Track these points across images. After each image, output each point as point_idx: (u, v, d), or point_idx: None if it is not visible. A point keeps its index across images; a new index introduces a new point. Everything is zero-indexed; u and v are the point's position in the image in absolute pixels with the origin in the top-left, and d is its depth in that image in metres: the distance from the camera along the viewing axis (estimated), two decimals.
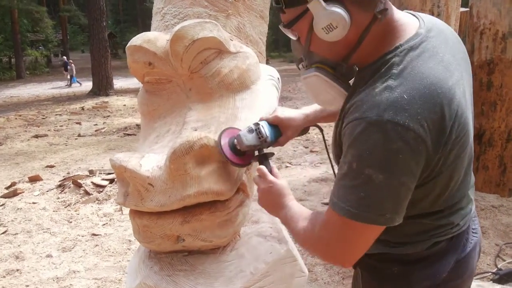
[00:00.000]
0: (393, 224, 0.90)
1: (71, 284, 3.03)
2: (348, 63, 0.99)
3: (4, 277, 3.18)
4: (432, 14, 2.29)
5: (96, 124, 10.37)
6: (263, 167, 1.20)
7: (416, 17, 1.01)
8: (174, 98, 1.68)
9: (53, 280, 3.10)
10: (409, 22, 0.97)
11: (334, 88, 1.01)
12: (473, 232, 1.13)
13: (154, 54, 1.60)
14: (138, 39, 1.63)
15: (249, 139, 1.24)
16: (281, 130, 1.33)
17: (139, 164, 1.38)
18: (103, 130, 9.44)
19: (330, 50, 0.97)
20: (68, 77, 20.74)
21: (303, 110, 1.37)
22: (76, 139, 8.66)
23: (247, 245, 1.60)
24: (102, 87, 16.18)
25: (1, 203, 4.53)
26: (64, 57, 24.71)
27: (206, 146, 1.32)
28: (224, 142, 1.30)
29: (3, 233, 3.88)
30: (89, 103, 14.02)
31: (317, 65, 1.02)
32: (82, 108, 13.03)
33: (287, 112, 1.34)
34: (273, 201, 1.15)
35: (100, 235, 3.81)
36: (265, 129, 1.26)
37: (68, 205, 4.45)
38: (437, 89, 0.85)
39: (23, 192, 4.81)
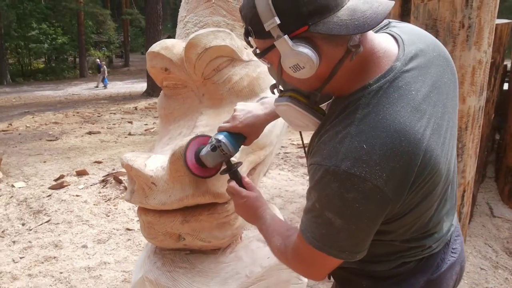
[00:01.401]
0: (354, 259, 0.92)
1: (100, 274, 3.19)
2: (322, 92, 0.97)
3: (42, 263, 3.41)
4: (463, 26, 2.22)
5: (147, 124, 10.72)
6: (233, 185, 1.22)
7: (398, 43, 0.95)
8: (189, 102, 1.76)
9: (85, 270, 3.27)
10: (385, 54, 0.92)
11: (306, 117, 1.00)
12: (452, 252, 1.10)
13: (170, 60, 1.68)
14: (157, 46, 1.72)
15: (214, 157, 1.25)
16: (244, 134, 1.29)
17: (144, 164, 1.46)
18: (152, 130, 9.77)
19: (302, 83, 0.95)
20: (101, 79, 20.85)
21: (263, 109, 1.31)
22: (126, 137, 9.01)
23: (246, 248, 1.64)
24: (156, 89, 16.77)
25: (48, 194, 4.82)
26: (97, 60, 24.91)
27: None
28: (190, 153, 1.33)
29: (46, 222, 4.14)
30: (142, 104, 14.54)
31: (290, 93, 1.00)
32: (135, 108, 13.53)
33: (245, 118, 1.28)
34: (248, 213, 1.19)
35: (134, 230, 3.97)
36: (227, 145, 1.23)
37: (108, 199, 4.67)
38: (400, 136, 0.83)
39: (69, 184, 5.09)
